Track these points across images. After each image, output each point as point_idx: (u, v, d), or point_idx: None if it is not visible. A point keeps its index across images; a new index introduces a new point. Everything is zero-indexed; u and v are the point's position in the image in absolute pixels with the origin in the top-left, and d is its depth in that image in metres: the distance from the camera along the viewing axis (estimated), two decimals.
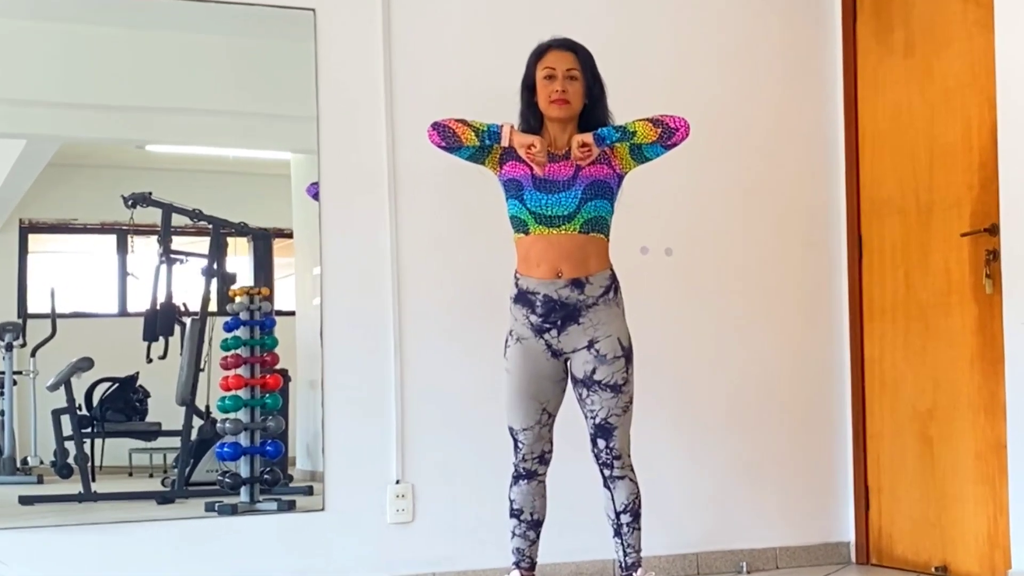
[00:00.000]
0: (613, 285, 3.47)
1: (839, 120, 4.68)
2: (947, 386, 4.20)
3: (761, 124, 4.60)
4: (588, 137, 3.37)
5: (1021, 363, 3.82)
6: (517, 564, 3.54)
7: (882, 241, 4.52)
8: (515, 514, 3.53)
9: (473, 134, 3.39)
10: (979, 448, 4.06)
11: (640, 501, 3.50)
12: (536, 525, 3.54)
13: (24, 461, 4.11)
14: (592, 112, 3.51)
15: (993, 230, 3.96)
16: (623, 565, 3.52)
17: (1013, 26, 3.83)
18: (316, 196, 4.02)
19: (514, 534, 3.54)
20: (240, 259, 4.23)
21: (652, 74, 4.44)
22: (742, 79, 4.58)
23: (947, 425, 4.20)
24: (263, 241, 4.21)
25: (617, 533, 3.50)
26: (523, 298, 3.43)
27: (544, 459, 3.52)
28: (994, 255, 3.94)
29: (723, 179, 4.51)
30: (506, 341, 3.49)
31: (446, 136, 3.39)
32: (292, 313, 4.26)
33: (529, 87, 3.51)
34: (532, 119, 3.50)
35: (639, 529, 3.50)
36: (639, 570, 3.52)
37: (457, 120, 3.40)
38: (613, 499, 3.49)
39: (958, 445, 4.15)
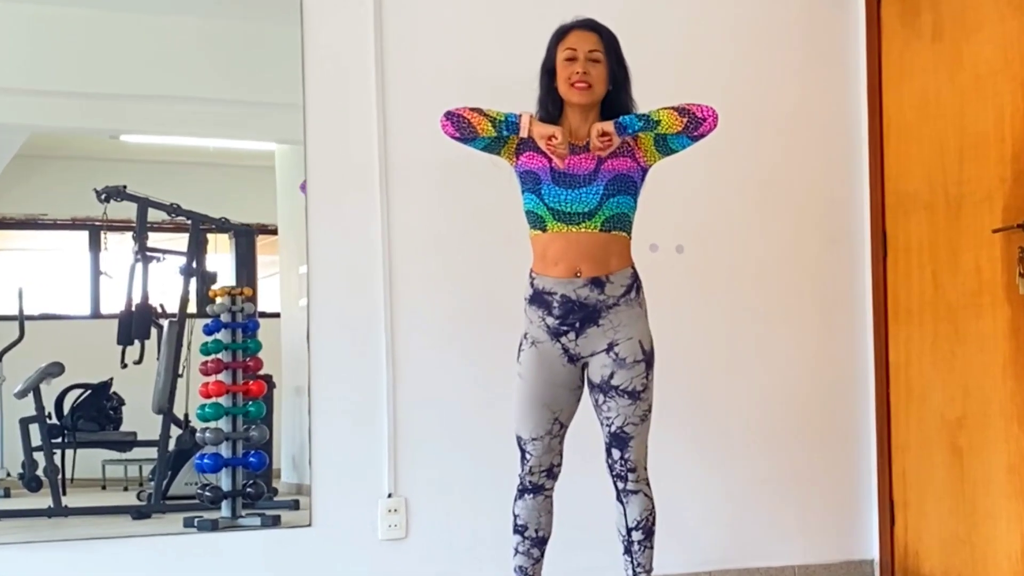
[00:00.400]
0: (635, 284, 3.43)
1: (862, 109, 4.65)
2: (978, 394, 4.14)
3: (779, 113, 4.58)
4: (608, 125, 3.33)
5: None
6: None
7: (908, 238, 4.46)
8: (519, 530, 3.46)
9: (489, 124, 3.37)
10: (1012, 460, 3.98)
11: (654, 518, 3.46)
12: (541, 543, 3.49)
13: None
14: (615, 100, 3.47)
15: None
16: None
17: None
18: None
19: (517, 551, 3.47)
20: (221, 257, 4.23)
21: (662, 59, 4.37)
22: (758, 65, 4.57)
23: (978, 435, 4.14)
24: (246, 238, 4.20)
25: (627, 551, 3.45)
26: (539, 299, 3.39)
27: (552, 473, 3.46)
28: None
29: (738, 171, 4.48)
30: (520, 345, 3.45)
31: (461, 126, 3.37)
32: (277, 315, 4.25)
33: (549, 71, 3.47)
34: (551, 106, 3.47)
35: (651, 548, 3.46)
36: None
37: (472, 109, 3.39)
38: (625, 514, 3.43)
39: (989, 457, 4.09)
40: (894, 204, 4.51)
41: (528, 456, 3.42)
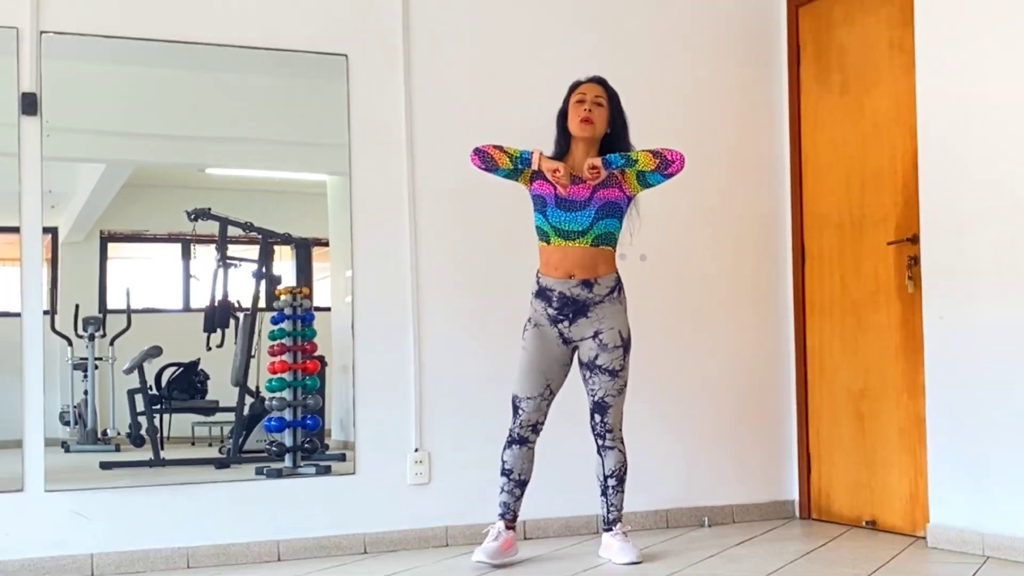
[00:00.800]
0: (618, 286, 3.53)
1: (785, 148, 4.69)
2: (876, 371, 4.22)
3: (722, 152, 4.61)
4: (597, 160, 3.42)
5: (937, 352, 3.86)
6: (502, 516, 3.56)
7: (821, 249, 4.53)
8: (506, 473, 3.55)
9: (508, 159, 3.47)
10: (902, 423, 4.09)
11: (626, 469, 3.55)
12: (522, 484, 3.56)
13: (104, 433, 4.11)
14: (615, 142, 3.56)
15: (914, 239, 3.99)
16: (606, 520, 3.59)
17: (931, 69, 3.87)
18: None
19: (502, 490, 3.55)
20: (285, 264, 4.23)
21: (631, 109, 4.19)
22: (706, 114, 4.60)
23: (876, 404, 4.22)
24: (304, 248, 4.22)
25: (603, 493, 3.58)
26: (542, 294, 3.51)
27: (536, 429, 3.56)
28: (915, 260, 3.98)
29: (690, 197, 4.49)
30: (525, 326, 3.55)
31: (485, 160, 3.48)
32: (328, 309, 4.26)
33: (563, 114, 3.57)
34: (563, 142, 3.57)
35: (622, 492, 3.57)
36: (618, 525, 3.60)
37: (494, 146, 3.48)
38: (603, 465, 3.56)
39: (885, 420, 4.17)
40: (810, 223, 4.56)
41: (521, 412, 3.51)
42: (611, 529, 3.58)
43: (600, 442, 3.54)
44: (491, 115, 4.19)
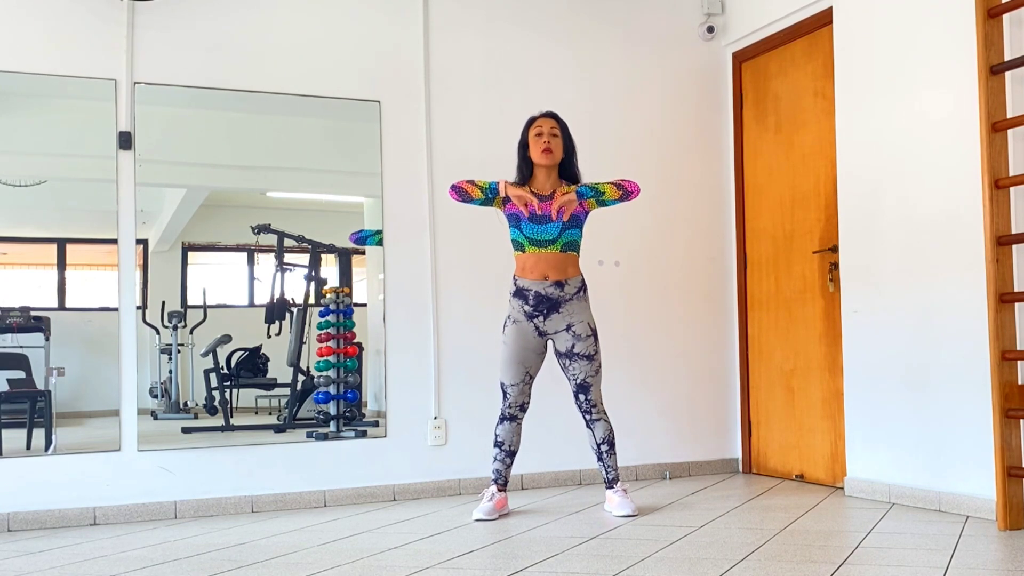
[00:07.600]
0: (583, 286, 3.47)
1: (731, 175, 4.69)
2: (803, 354, 4.23)
3: (681, 178, 4.62)
4: (572, 195, 3.36)
5: (852, 338, 3.85)
6: (495, 481, 3.49)
7: (760, 256, 4.54)
8: (498, 445, 3.48)
9: (479, 191, 3.37)
10: (824, 395, 4.10)
11: (613, 434, 3.47)
12: (512, 454, 3.49)
13: (185, 404, 4.11)
14: (568, 165, 3.49)
15: (834, 249, 4.00)
16: (606, 480, 3.50)
17: (847, 113, 3.87)
18: (355, 242, 4.13)
19: (495, 459, 3.48)
20: (330, 268, 4.20)
21: (613, 146, 4.46)
22: (669, 147, 4.61)
23: (803, 380, 4.23)
24: (345, 256, 4.19)
25: (599, 459, 3.47)
26: (520, 293, 3.42)
27: (523, 407, 3.47)
28: (835, 266, 3.98)
29: (656, 214, 4.53)
30: (504, 323, 3.47)
31: (461, 193, 3.38)
32: (365, 304, 4.24)
33: (523, 146, 3.48)
34: (525, 169, 3.48)
35: (615, 454, 3.48)
36: (618, 483, 3.50)
37: (467, 181, 3.38)
38: (594, 435, 3.45)
39: (811, 393, 4.18)
40: (751, 235, 4.56)
41: (508, 395, 3.42)
42: (612, 487, 3.47)
43: (587, 417, 3.43)
44: (495, 149, 4.19)
